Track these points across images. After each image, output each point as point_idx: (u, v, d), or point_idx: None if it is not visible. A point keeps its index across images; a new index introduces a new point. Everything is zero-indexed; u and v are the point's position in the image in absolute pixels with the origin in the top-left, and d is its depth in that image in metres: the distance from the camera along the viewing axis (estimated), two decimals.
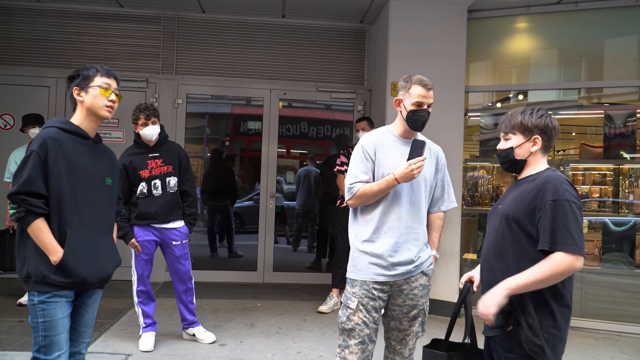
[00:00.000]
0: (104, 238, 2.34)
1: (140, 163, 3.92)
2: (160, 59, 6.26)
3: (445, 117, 5.32)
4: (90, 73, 2.31)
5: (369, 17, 6.18)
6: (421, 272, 2.58)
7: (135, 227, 3.92)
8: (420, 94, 2.53)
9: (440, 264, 5.17)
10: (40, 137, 2.16)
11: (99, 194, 2.31)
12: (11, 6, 6.07)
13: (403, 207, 2.53)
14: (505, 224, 2.04)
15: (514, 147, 2.11)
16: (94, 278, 2.26)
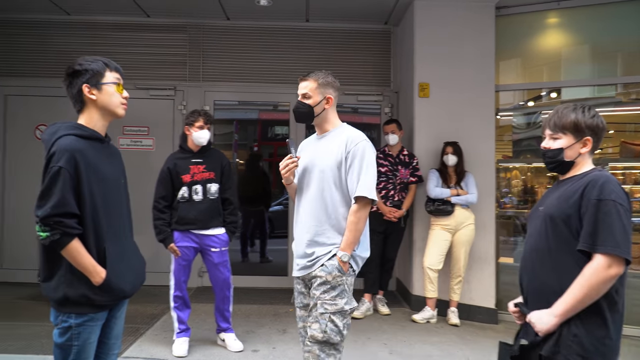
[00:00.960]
0: (131, 242, 2.26)
1: (184, 167, 3.95)
2: (187, 66, 6.32)
3: (475, 117, 5.23)
4: (99, 67, 2.09)
5: (393, 18, 6.12)
6: (321, 267, 2.48)
7: (175, 232, 3.95)
8: (299, 86, 2.64)
9: (474, 268, 5.06)
10: (65, 150, 1.94)
11: (120, 198, 2.21)
12: (44, 20, 6.22)
13: (301, 201, 2.61)
14: (550, 225, 1.94)
15: (565, 149, 1.99)
16: (133, 290, 2.18)
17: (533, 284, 2.01)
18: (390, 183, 5.14)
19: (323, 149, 2.57)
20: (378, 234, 5.14)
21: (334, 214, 2.51)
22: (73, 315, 1.99)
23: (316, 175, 2.53)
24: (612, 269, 1.79)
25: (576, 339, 1.84)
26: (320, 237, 2.51)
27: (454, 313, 4.89)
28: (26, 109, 6.06)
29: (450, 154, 4.96)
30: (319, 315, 2.43)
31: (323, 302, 2.44)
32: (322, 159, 2.54)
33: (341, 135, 2.58)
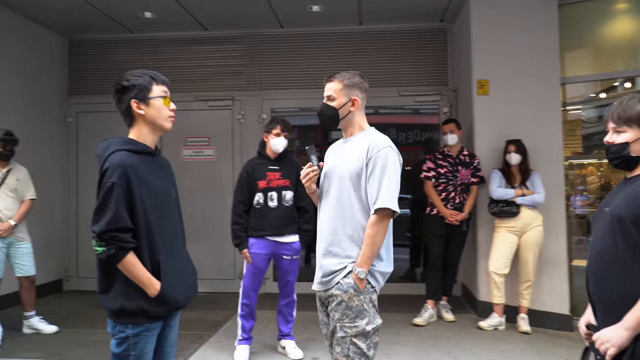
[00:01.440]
0: (184, 253, 2.27)
1: (260, 173, 4.02)
2: (244, 76, 6.44)
3: (539, 112, 4.98)
4: (146, 82, 2.10)
5: (449, 14, 5.95)
6: (336, 284, 2.30)
7: (250, 237, 4.00)
8: (325, 88, 2.50)
9: (545, 272, 4.79)
10: (118, 166, 1.98)
11: (172, 210, 2.21)
12: (110, 40, 6.55)
13: (321, 209, 2.46)
14: (617, 228, 1.77)
15: (630, 143, 1.82)
16: (187, 300, 2.20)
17: (600, 292, 1.85)
18: (451, 185, 4.98)
19: (346, 154, 2.42)
20: (439, 238, 4.99)
21: (351, 223, 2.32)
22: (130, 325, 2.03)
23: (335, 182, 2.38)
24: None
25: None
26: (334, 247, 2.33)
27: (524, 320, 4.65)
28: (96, 125, 6.36)
29: (513, 153, 4.74)
30: (340, 339, 2.27)
31: (342, 325, 2.27)
32: (343, 164, 2.38)
33: (364, 139, 2.39)
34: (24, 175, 4.64)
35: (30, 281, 4.60)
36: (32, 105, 5.97)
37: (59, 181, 6.41)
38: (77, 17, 5.96)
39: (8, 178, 4.50)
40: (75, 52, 6.64)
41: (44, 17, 5.96)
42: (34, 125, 5.76)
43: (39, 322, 4.63)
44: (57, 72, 6.52)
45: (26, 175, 4.66)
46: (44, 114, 6.19)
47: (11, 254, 4.51)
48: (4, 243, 4.44)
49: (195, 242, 6.33)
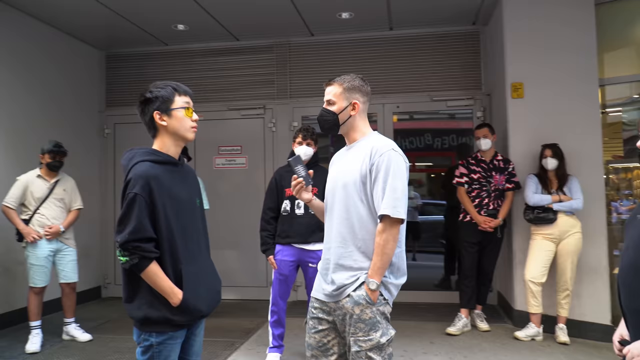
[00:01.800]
0: (208, 263, 2.27)
1: (288, 181, 4.00)
2: (275, 85, 6.49)
3: (577, 115, 4.83)
4: (168, 93, 2.12)
5: (481, 17, 5.84)
6: (348, 297, 2.20)
7: (277, 244, 4.04)
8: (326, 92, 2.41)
9: (585, 281, 4.62)
10: (140, 177, 2.00)
11: (196, 220, 2.21)
12: (144, 52, 6.73)
13: (327, 219, 2.37)
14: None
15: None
16: (210, 309, 2.20)
17: (632, 304, 1.76)
18: (484, 191, 4.86)
19: (349, 162, 2.31)
20: (473, 245, 4.88)
21: (360, 234, 2.22)
22: (154, 334, 2.05)
23: (340, 191, 2.28)
24: None
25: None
26: (346, 260, 2.23)
27: (562, 330, 4.49)
28: (132, 135, 6.50)
29: (549, 157, 4.60)
30: (355, 353, 2.16)
31: (356, 340, 2.16)
32: (347, 172, 2.29)
33: (367, 145, 2.28)
34: (71, 186, 4.80)
35: (71, 288, 4.74)
36: (71, 118, 6.19)
37: (97, 190, 6.60)
38: (114, 31, 6.15)
39: (56, 188, 4.67)
40: (112, 66, 6.85)
41: (82, 32, 6.18)
42: (72, 137, 5.95)
43: (75, 330, 4.76)
44: (95, 85, 6.74)
45: (73, 186, 4.83)
46: (82, 126, 6.40)
47: (57, 261, 4.66)
48: (51, 250, 4.60)
49: (228, 250, 6.45)
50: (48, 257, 4.58)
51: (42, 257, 4.53)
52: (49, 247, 4.58)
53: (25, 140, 5.40)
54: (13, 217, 4.51)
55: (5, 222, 4.62)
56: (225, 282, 6.15)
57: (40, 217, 4.57)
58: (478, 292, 4.96)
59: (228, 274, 6.34)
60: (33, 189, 4.58)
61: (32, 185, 4.59)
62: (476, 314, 4.97)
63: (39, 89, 5.70)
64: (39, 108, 5.70)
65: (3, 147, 5.20)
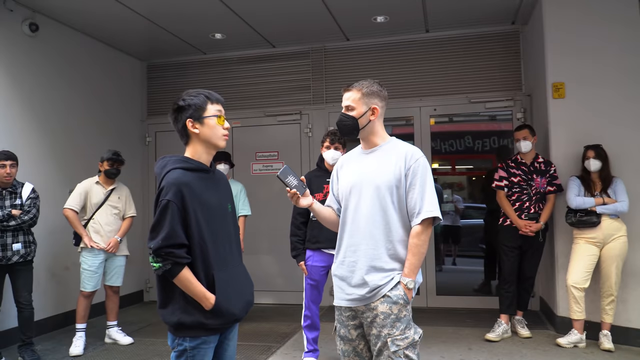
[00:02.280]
0: (241, 268, 2.29)
1: (317, 185, 4.05)
2: (310, 90, 6.54)
3: (622, 115, 4.67)
4: (201, 101, 2.15)
5: (520, 16, 5.72)
6: (383, 298, 2.25)
7: (307, 250, 4.05)
8: (343, 98, 2.43)
9: (631, 286, 4.45)
10: (173, 184, 2.04)
11: (228, 225, 2.23)
12: (183, 62, 6.91)
13: (352, 223, 2.35)
14: None
15: None
16: (243, 313, 2.23)
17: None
18: (525, 194, 4.75)
19: (375, 165, 2.35)
20: (513, 250, 4.76)
21: (391, 236, 2.29)
22: (188, 338, 2.09)
23: (370, 194, 2.31)
24: None
25: None
26: (378, 262, 2.28)
27: (606, 337, 4.32)
28: (173, 143, 6.62)
29: (592, 159, 4.45)
30: (392, 354, 2.21)
31: (394, 339, 2.22)
32: (376, 175, 2.32)
33: (396, 149, 2.37)
34: (126, 194, 4.99)
35: (114, 291, 4.90)
36: (114, 127, 6.41)
37: (140, 196, 6.79)
38: (154, 42, 6.36)
39: (112, 195, 4.86)
40: (153, 76, 7.07)
41: (124, 44, 6.41)
42: (115, 146, 6.10)
43: (117, 333, 4.91)
44: (137, 95, 6.97)
45: (128, 194, 5.02)
46: (125, 134, 6.62)
47: (106, 265, 4.84)
48: (103, 258, 4.77)
49: (265, 255, 6.53)
50: (101, 264, 4.75)
51: (96, 263, 4.70)
52: (103, 256, 4.77)
53: (73, 144, 5.70)
54: (74, 221, 4.70)
55: (61, 225, 4.83)
56: (263, 286, 6.32)
57: (94, 223, 4.76)
58: (519, 298, 4.84)
59: (265, 278, 6.42)
60: (91, 195, 4.78)
61: (90, 191, 4.79)
62: (517, 319, 4.84)
63: (88, 98, 5.97)
64: (89, 116, 5.97)
65: (51, 148, 5.44)
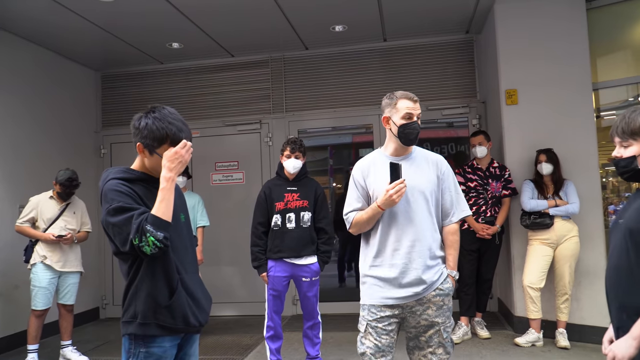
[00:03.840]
0: (197, 278, 2.23)
1: (278, 195, 4.02)
2: (270, 99, 6.53)
3: (571, 120, 4.84)
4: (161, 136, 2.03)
5: (474, 26, 5.88)
6: (434, 291, 2.48)
7: (270, 260, 3.99)
8: (408, 106, 2.53)
9: (584, 284, 4.60)
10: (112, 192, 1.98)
11: (182, 235, 2.19)
12: (141, 71, 6.79)
13: (402, 226, 2.49)
14: (630, 240, 1.75)
15: (637, 156, 1.81)
16: (198, 322, 2.14)
17: (615, 304, 1.83)
18: (481, 198, 4.86)
19: (413, 171, 2.53)
20: (471, 253, 4.85)
21: (435, 236, 2.53)
22: (141, 343, 2.02)
23: (417, 198, 2.49)
24: None
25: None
26: (430, 261, 2.48)
27: (562, 335, 4.44)
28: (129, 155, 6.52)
29: (544, 162, 4.59)
30: (444, 340, 2.48)
31: (445, 327, 2.49)
32: (420, 181, 2.51)
33: (427, 156, 2.62)
34: (82, 209, 4.84)
35: (67, 309, 4.73)
36: (66, 139, 6.21)
37: (95, 210, 6.57)
38: (108, 52, 6.23)
39: (67, 211, 4.72)
40: (108, 86, 6.91)
41: (77, 54, 6.24)
42: (68, 157, 5.99)
43: (71, 352, 4.72)
44: (91, 106, 6.79)
45: (84, 209, 4.88)
46: (78, 146, 6.42)
47: (59, 283, 4.67)
48: (55, 275, 4.61)
49: (226, 266, 6.44)
50: (52, 280, 4.59)
51: (46, 279, 4.54)
52: (55, 273, 4.61)
53: (22, 158, 5.47)
54: (28, 231, 4.57)
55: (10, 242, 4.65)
56: (224, 298, 6.23)
57: None
58: (478, 300, 4.93)
59: (226, 290, 6.33)
60: (43, 209, 4.63)
61: (43, 206, 4.64)
62: (476, 321, 4.93)
63: (38, 109, 5.76)
64: (39, 129, 5.76)
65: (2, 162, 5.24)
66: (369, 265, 2.56)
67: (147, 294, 2.02)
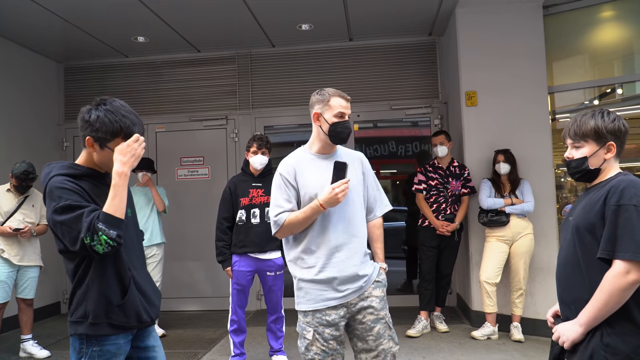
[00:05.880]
0: (144, 272, 2.21)
1: (243, 190, 4.06)
2: (237, 95, 6.54)
3: (528, 122, 5.03)
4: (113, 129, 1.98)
5: (437, 28, 6.03)
6: (373, 284, 2.50)
7: (234, 255, 4.03)
8: (341, 104, 2.49)
9: (537, 280, 4.81)
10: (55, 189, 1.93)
11: (130, 230, 2.13)
12: (105, 64, 6.68)
13: (335, 225, 2.44)
14: (577, 236, 1.87)
15: (588, 157, 1.92)
16: (149, 317, 2.12)
17: (565, 296, 1.95)
18: (442, 196, 5.01)
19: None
20: (432, 249, 5.00)
21: (365, 231, 2.57)
22: (94, 341, 1.99)
23: (350, 195, 2.45)
24: (630, 275, 1.70)
25: (609, 349, 1.75)
26: (364, 257, 2.51)
27: (516, 328, 4.64)
28: None
29: (502, 162, 4.77)
30: (391, 332, 2.50)
31: (388, 319, 2.50)
32: (351, 177, 2.47)
33: (351, 154, 2.63)
34: (40, 202, 4.74)
35: (27, 304, 4.66)
36: (28, 132, 6.09)
37: None
38: (72, 43, 6.11)
39: (25, 204, 4.64)
40: (71, 78, 6.78)
41: (39, 45, 6.11)
42: (31, 150, 5.87)
43: (32, 347, 4.66)
44: (53, 98, 6.66)
45: (42, 202, 4.75)
46: (39, 139, 6.30)
47: (18, 277, 4.61)
48: (13, 269, 4.54)
49: (191, 261, 6.43)
50: (11, 274, 4.52)
51: (4, 273, 4.47)
52: (14, 267, 4.54)
53: None
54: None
55: None
56: (188, 293, 6.24)
57: None
58: (437, 295, 5.08)
59: (191, 285, 6.32)
60: (0, 203, 4.55)
61: (0, 199, 4.56)
62: (435, 315, 5.09)
63: None
64: None
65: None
66: (302, 268, 2.47)
67: (98, 294, 1.97)
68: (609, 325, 1.75)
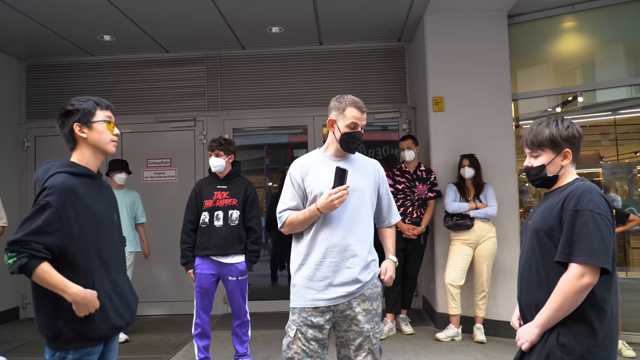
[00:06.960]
0: (125, 278, 2.23)
1: (208, 192, 4.04)
2: (205, 97, 6.48)
3: (492, 128, 5.14)
4: (90, 107, 2.14)
5: (406, 34, 6.12)
6: (363, 296, 2.47)
7: (197, 257, 3.99)
8: (355, 116, 2.52)
9: (500, 282, 4.91)
10: (57, 189, 1.96)
11: (113, 234, 2.19)
12: (70, 63, 6.53)
13: (334, 227, 2.46)
14: (535, 240, 1.93)
15: (546, 165, 1.98)
16: (125, 323, 2.15)
17: (525, 299, 2.00)
18: (408, 200, 5.07)
19: (354, 172, 2.50)
20: (398, 252, 5.00)
21: (370, 237, 2.56)
22: (71, 351, 1.99)
23: (358, 199, 2.49)
24: (584, 278, 1.76)
25: (564, 349, 1.80)
26: (367, 261, 2.51)
27: (479, 330, 4.72)
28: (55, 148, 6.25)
29: (467, 167, 4.86)
30: (373, 346, 2.49)
31: (374, 333, 2.49)
32: (360, 182, 2.52)
33: (367, 160, 2.68)
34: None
35: None
36: None
37: (16, 206, 6.29)
38: (35, 41, 5.95)
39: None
40: (34, 76, 6.60)
41: (0, 42, 5.93)
42: None
43: None
44: (14, 97, 6.47)
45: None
46: (0, 139, 6.11)
47: None
48: None
49: (156, 264, 6.32)
50: None
51: None
52: None
53: None
54: None
55: None
56: (153, 297, 6.14)
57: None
58: (403, 297, 5.13)
59: (156, 289, 6.23)
60: None
61: None
62: (401, 318, 5.13)
63: None
64: None
65: None
66: (297, 265, 2.53)
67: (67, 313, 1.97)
68: (565, 326, 1.81)
